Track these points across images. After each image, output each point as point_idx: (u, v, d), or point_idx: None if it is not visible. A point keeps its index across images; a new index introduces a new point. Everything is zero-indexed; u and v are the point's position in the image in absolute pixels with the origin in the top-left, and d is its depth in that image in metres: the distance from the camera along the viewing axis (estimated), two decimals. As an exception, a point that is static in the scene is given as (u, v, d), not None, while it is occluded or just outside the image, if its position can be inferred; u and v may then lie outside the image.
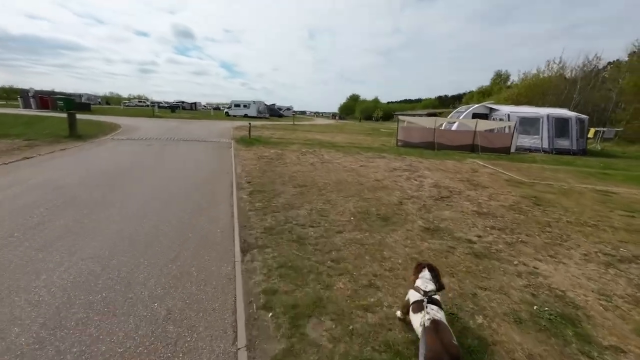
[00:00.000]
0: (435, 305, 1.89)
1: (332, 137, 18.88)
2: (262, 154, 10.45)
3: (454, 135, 14.53)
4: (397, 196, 5.95)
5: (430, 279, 2.14)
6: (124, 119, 23.68)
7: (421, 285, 2.08)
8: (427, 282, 2.10)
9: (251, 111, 43.20)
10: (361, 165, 9.20)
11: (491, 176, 8.42)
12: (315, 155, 10.71)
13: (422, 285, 2.08)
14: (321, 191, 6.04)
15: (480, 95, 56.22)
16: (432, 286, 2.07)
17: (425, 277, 2.15)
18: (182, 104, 65.65)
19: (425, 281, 2.12)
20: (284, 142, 14.51)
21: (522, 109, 18.09)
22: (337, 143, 15.34)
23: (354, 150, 12.58)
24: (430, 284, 2.09)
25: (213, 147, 11.56)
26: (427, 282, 2.10)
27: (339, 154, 11.48)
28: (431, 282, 2.12)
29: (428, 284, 2.08)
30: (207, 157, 9.30)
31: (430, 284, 2.09)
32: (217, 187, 5.95)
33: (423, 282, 2.11)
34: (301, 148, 12.53)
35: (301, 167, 8.38)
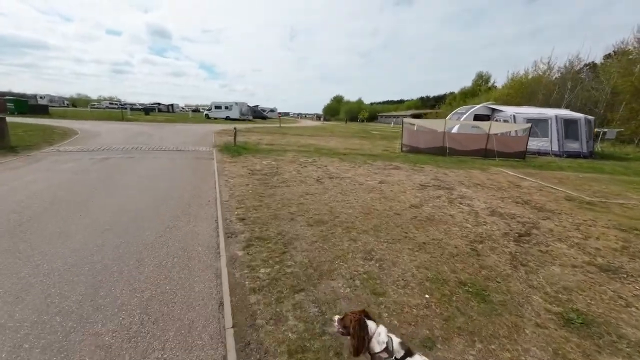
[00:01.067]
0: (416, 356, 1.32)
1: (327, 142, 16.95)
2: (253, 167, 8.34)
3: (466, 139, 13.04)
4: (460, 236, 4.12)
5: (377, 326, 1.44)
6: (85, 124, 20.57)
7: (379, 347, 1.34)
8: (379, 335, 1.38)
9: (233, 113, 40.48)
10: (380, 181, 7.33)
11: (542, 192, 6.83)
12: (318, 167, 8.74)
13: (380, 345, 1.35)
14: (350, 231, 4.09)
15: (463, 96, 56.44)
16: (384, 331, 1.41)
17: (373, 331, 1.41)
18: (158, 105, 61.52)
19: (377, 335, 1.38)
20: (276, 149, 12.42)
21: (527, 109, 17.02)
22: (335, 149, 13.44)
23: (359, 159, 10.72)
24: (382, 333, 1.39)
25: (189, 159, 9.29)
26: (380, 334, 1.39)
27: (345, 164, 9.57)
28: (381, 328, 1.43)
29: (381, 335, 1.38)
30: (180, 176, 7.07)
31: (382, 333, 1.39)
32: (192, 238, 3.80)
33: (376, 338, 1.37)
34: (298, 157, 10.52)
35: (307, 187, 6.38)
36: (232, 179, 6.77)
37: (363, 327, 1.42)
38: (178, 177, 6.79)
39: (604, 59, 38.59)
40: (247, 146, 12.63)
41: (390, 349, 1.36)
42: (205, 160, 9.13)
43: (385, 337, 1.40)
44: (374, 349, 1.37)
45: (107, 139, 13.20)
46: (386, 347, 1.36)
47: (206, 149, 11.59)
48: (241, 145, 12.65)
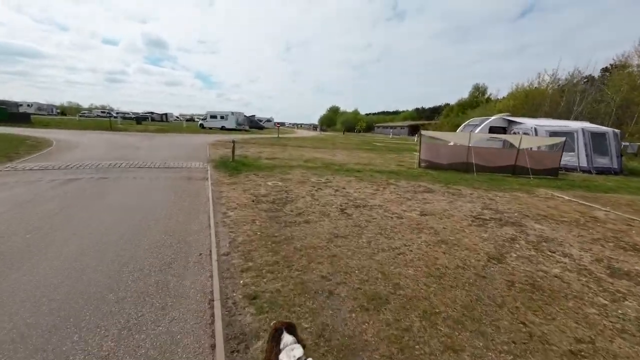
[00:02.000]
0: None
1: (333, 155, 15.39)
2: (257, 190, 6.67)
3: (493, 154, 11.62)
4: (612, 328, 2.50)
5: (295, 341, 1.47)
6: (66, 134, 18.65)
7: (286, 357, 1.40)
8: (292, 350, 1.42)
9: (229, 123, 38.90)
10: (421, 212, 5.72)
11: (630, 228, 5.30)
12: (336, 190, 7.11)
13: (288, 357, 1.39)
14: (434, 323, 2.44)
15: (461, 107, 56.11)
16: (300, 351, 1.42)
17: (288, 344, 1.45)
18: (151, 114, 59.65)
19: (289, 349, 1.43)
20: (280, 164, 10.78)
21: (548, 122, 15.83)
22: (346, 164, 11.85)
23: (379, 178, 9.14)
24: (297, 350, 1.42)
25: (178, 180, 7.56)
26: (292, 349, 1.42)
27: (365, 185, 7.97)
28: (297, 346, 1.45)
29: (295, 350, 1.42)
30: (162, 207, 5.34)
31: (297, 350, 1.42)
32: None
33: (287, 353, 1.41)
34: (308, 175, 8.89)
35: (333, 223, 4.74)
36: (231, 212, 5.09)
37: (276, 338, 1.49)
38: (160, 210, 5.06)
39: (601, 72, 38.71)
40: (246, 161, 10.96)
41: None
42: (198, 182, 7.42)
43: (298, 354, 1.40)
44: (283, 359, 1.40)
45: (85, 152, 11.38)
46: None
47: (200, 164, 9.88)
48: (240, 159, 10.98)
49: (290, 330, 1.54)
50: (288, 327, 1.56)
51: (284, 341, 1.47)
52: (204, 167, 9.49)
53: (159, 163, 9.58)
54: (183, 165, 9.46)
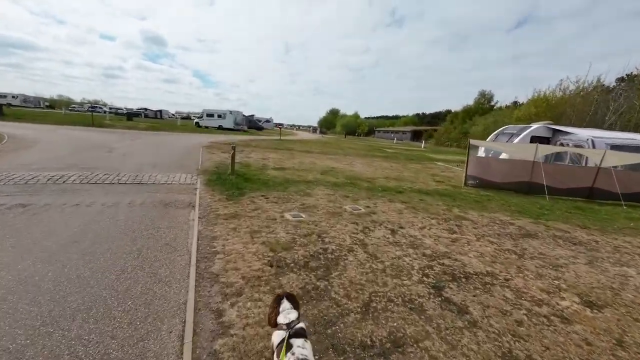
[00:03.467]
0: (300, 338, 1.57)
1: (351, 165, 12.79)
2: (273, 234, 4.02)
3: (567, 173, 9.14)
4: None
5: (292, 308, 1.78)
6: (34, 128, 15.73)
7: (283, 319, 1.70)
8: (288, 314, 1.73)
9: (227, 122, 36.09)
10: (580, 298, 3.15)
11: None
12: (394, 233, 4.50)
13: (284, 319, 1.70)
14: None
15: (466, 114, 54.07)
16: (295, 315, 1.74)
17: (286, 309, 1.76)
18: (144, 111, 56.44)
19: (287, 313, 1.73)
20: (293, 178, 8.13)
21: (604, 133, 13.44)
22: (375, 180, 9.25)
23: (432, 204, 6.56)
24: (292, 314, 1.74)
25: (147, 210, 4.85)
26: (289, 313, 1.73)
27: (427, 220, 5.37)
28: (293, 311, 1.76)
29: (290, 315, 1.72)
30: (82, 299, 2.67)
31: (292, 314, 1.74)
32: None
33: (285, 315, 1.72)
34: (337, 199, 6.27)
35: (445, 342, 2.13)
36: (232, 307, 2.45)
37: (277, 302, 1.79)
38: (75, 309, 2.40)
39: (617, 82, 36.92)
40: (249, 173, 8.30)
41: (291, 325, 1.63)
42: (179, 212, 4.73)
43: (292, 317, 1.69)
44: (280, 320, 1.69)
45: (39, 153, 8.59)
46: (289, 323, 1.65)
47: (186, 178, 7.18)
48: (241, 171, 8.30)
49: (290, 299, 1.82)
50: (288, 295, 1.85)
51: (283, 306, 1.76)
52: (192, 182, 6.79)
53: (129, 175, 6.85)
54: (163, 180, 6.74)
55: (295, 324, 1.66)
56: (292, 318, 1.69)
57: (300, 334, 1.60)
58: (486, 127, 36.49)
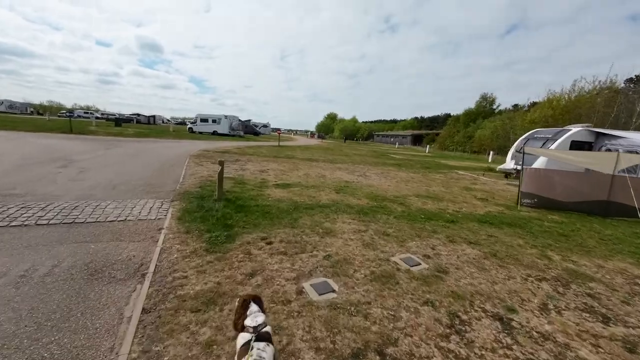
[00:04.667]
0: (262, 342, 1.58)
1: (365, 177, 10.67)
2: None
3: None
4: None
5: (259, 311, 1.78)
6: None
7: (250, 322, 1.69)
8: (256, 317, 1.73)
9: (222, 128, 33.92)
10: None
11: None
12: (496, 324, 2.39)
13: (251, 322, 1.69)
14: None
15: (467, 117, 52.50)
16: (262, 317, 1.74)
17: (253, 312, 1.76)
18: (137, 116, 54.08)
19: (254, 317, 1.73)
20: (303, 202, 5.97)
21: (660, 136, 11.53)
22: (408, 200, 7.11)
23: (506, 243, 4.46)
24: (260, 317, 1.74)
25: (51, 290, 2.69)
26: (257, 316, 1.73)
27: (516, 278, 3.27)
28: (261, 314, 1.77)
29: (258, 318, 1.73)
30: None
31: (260, 317, 1.74)
32: None
33: (252, 318, 1.72)
34: (369, 234, 4.14)
35: None
36: None
37: (245, 306, 1.78)
38: None
39: (626, 83, 35.53)
40: (244, 194, 6.13)
41: (258, 329, 1.64)
42: (109, 293, 2.56)
43: (260, 320, 1.70)
44: (247, 323, 1.68)
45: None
46: (256, 326, 1.65)
47: (152, 208, 4.99)
48: (232, 192, 6.13)
49: (256, 301, 1.83)
50: (255, 298, 1.85)
51: (250, 309, 1.76)
52: (158, 216, 4.60)
53: (64, 207, 4.63)
54: (114, 214, 4.52)
55: (262, 327, 1.66)
56: (260, 321, 1.69)
57: (263, 338, 1.61)
58: (494, 130, 34.77)
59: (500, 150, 30.51)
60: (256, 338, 1.59)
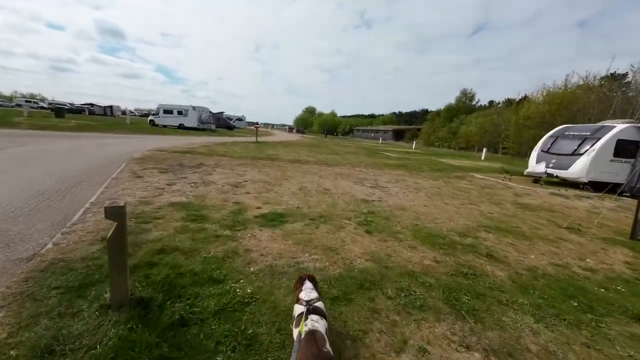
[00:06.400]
0: (317, 315, 1.68)
1: (383, 189, 7.66)
2: None
3: None
4: None
5: (313, 289, 1.93)
6: None
7: (304, 296, 1.84)
8: (309, 292, 1.87)
9: (190, 120, 29.34)
10: None
11: None
12: None
13: (305, 296, 1.84)
14: None
15: (449, 112, 51.58)
16: (315, 294, 1.87)
17: (307, 288, 1.91)
18: (90, 107, 46.91)
19: (308, 292, 1.88)
20: (323, 275, 2.81)
21: None
22: (495, 252, 4.19)
23: None
24: (313, 293, 1.87)
25: None
26: (310, 292, 1.87)
27: None
28: (313, 291, 1.91)
29: (311, 294, 1.86)
30: None
31: (313, 293, 1.87)
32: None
33: (306, 293, 1.87)
34: None
35: None
36: None
37: (301, 282, 1.98)
38: None
39: (600, 81, 35.64)
40: (189, 260, 2.70)
41: (311, 303, 1.76)
42: None
43: (313, 296, 1.83)
44: (302, 297, 1.82)
45: None
46: (309, 300, 1.79)
47: None
48: (167, 255, 2.71)
49: (311, 280, 2.02)
50: (310, 277, 2.05)
51: (305, 285, 1.94)
52: None
53: None
54: None
55: (314, 302, 1.78)
56: (312, 297, 1.82)
57: (318, 312, 1.70)
58: (481, 126, 33.45)
59: (489, 146, 29.11)
60: (311, 311, 1.68)
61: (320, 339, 1.50)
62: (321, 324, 1.62)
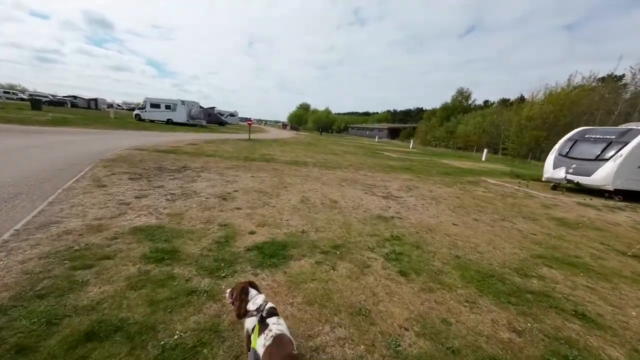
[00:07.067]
0: (274, 317, 1.53)
1: (406, 205, 6.58)
2: None
3: None
4: None
5: (257, 294, 1.70)
6: None
7: (251, 306, 1.62)
8: (255, 299, 1.65)
9: (178, 115, 27.68)
10: None
11: None
12: None
13: (252, 305, 1.62)
14: None
15: (444, 111, 50.94)
16: (261, 299, 1.66)
17: (252, 296, 1.67)
18: (72, 99, 44.38)
19: (253, 300, 1.65)
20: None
21: None
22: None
23: None
24: (259, 298, 1.66)
25: None
26: (256, 299, 1.65)
27: None
28: (259, 295, 1.69)
29: (257, 300, 1.65)
30: None
31: (259, 298, 1.66)
32: None
33: (252, 302, 1.64)
34: None
35: None
36: None
37: (245, 292, 1.67)
38: None
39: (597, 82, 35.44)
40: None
41: (261, 309, 1.56)
42: None
43: (260, 301, 1.62)
44: (250, 308, 1.61)
45: None
46: (258, 307, 1.58)
47: None
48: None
49: (253, 286, 1.75)
50: (251, 283, 1.76)
51: (250, 294, 1.68)
52: None
53: None
54: None
55: (264, 306, 1.60)
56: (260, 302, 1.63)
57: (273, 313, 1.56)
58: (478, 126, 32.77)
59: (489, 147, 28.44)
60: (265, 316, 1.53)
61: (288, 343, 1.40)
62: (283, 323, 1.52)
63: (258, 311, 1.57)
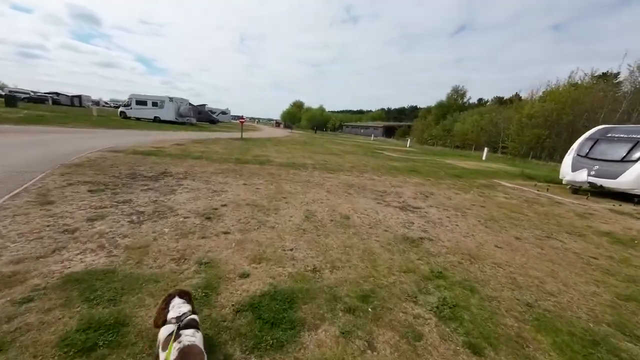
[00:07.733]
0: (191, 329, 1.40)
1: (430, 219, 5.55)
2: None
3: None
4: None
5: (184, 303, 1.57)
6: None
7: (173, 314, 1.49)
8: (179, 307, 1.52)
9: (166, 113, 26.19)
10: None
11: None
12: None
13: (175, 313, 1.49)
14: None
15: (440, 109, 50.41)
16: (187, 308, 1.54)
17: (176, 305, 1.54)
18: (55, 96, 42.03)
19: (177, 308, 1.52)
20: None
21: None
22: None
23: None
24: (183, 307, 1.54)
25: None
26: (180, 307, 1.53)
27: None
28: (185, 304, 1.56)
29: (181, 308, 1.52)
30: None
31: (183, 307, 1.54)
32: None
33: (175, 310, 1.51)
34: None
35: None
36: None
37: (167, 301, 1.55)
38: None
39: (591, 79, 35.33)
40: None
41: (182, 318, 1.44)
42: None
43: (185, 309, 1.50)
44: (170, 316, 1.47)
45: None
46: (179, 316, 1.45)
47: None
48: None
49: (182, 296, 1.61)
50: (181, 293, 1.63)
51: (173, 303, 1.55)
52: None
53: None
54: None
55: (186, 316, 1.48)
56: (184, 310, 1.51)
57: (191, 326, 1.44)
58: (477, 123, 32.15)
59: (488, 145, 27.80)
60: (182, 327, 1.39)
61: (198, 355, 1.28)
62: (198, 337, 1.38)
63: (178, 320, 1.46)
